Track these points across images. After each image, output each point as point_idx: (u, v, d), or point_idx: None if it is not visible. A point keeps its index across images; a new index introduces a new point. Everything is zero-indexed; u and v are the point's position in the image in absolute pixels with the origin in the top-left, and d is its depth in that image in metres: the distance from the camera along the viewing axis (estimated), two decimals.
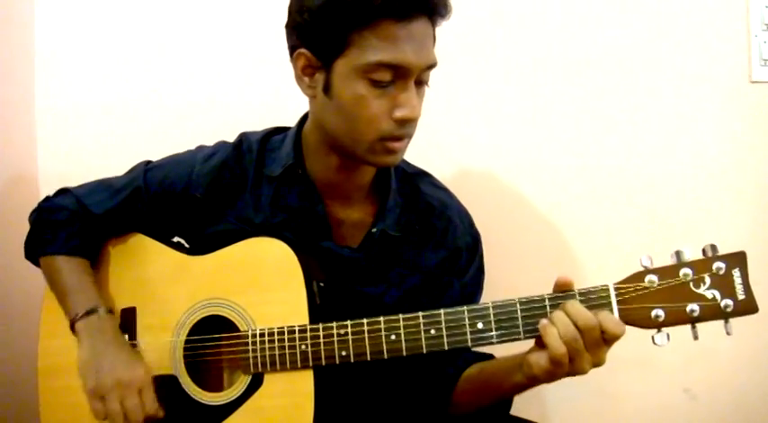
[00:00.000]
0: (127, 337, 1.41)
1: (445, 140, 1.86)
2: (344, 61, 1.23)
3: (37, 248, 1.48)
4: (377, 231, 1.40)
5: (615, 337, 1.12)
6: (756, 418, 1.85)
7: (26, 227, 1.51)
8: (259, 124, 1.52)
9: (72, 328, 1.39)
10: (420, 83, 1.28)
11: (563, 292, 1.16)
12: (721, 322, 1.12)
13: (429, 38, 1.27)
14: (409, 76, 1.24)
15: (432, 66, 1.27)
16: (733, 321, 1.12)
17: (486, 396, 1.37)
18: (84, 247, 1.46)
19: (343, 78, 1.24)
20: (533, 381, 1.20)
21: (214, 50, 1.91)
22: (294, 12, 1.29)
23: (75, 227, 1.46)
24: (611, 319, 1.12)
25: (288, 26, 1.32)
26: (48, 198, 1.52)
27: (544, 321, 1.15)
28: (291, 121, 1.45)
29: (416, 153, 1.50)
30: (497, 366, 1.35)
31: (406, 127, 1.27)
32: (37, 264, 1.50)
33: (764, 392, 1.85)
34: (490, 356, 1.41)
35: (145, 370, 1.34)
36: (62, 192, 1.52)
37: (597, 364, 1.15)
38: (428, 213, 1.45)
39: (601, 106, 1.86)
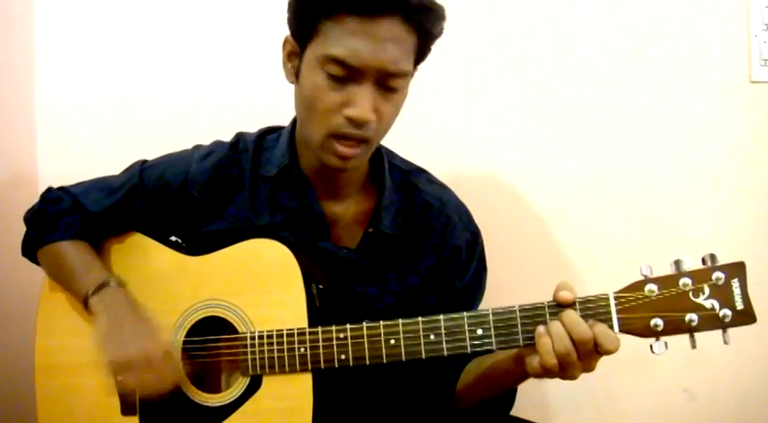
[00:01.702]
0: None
1: (447, 145, 1.86)
2: (311, 49, 1.25)
3: (37, 240, 1.47)
4: (374, 231, 1.39)
5: (608, 353, 1.12)
6: (756, 418, 1.87)
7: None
8: (257, 124, 1.51)
9: (86, 306, 1.37)
10: (386, 88, 1.24)
11: (563, 305, 1.16)
12: (719, 331, 1.12)
13: (396, 42, 1.21)
14: (362, 76, 1.21)
15: (394, 73, 1.22)
16: (731, 329, 1.12)
17: (488, 388, 1.38)
18: (86, 234, 1.46)
19: (308, 66, 1.25)
20: (528, 374, 1.21)
21: (213, 50, 1.91)
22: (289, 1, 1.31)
23: (77, 216, 1.45)
24: (606, 334, 1.12)
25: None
26: (49, 189, 1.52)
27: (540, 329, 1.15)
28: (288, 121, 1.45)
29: (418, 154, 1.50)
30: (496, 358, 1.34)
31: (357, 128, 1.23)
32: (34, 259, 1.50)
33: (764, 393, 1.86)
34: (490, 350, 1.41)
35: (166, 337, 1.32)
36: (58, 190, 1.51)
37: (587, 371, 1.16)
38: (426, 211, 1.44)
39: (600, 107, 1.86)
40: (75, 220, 1.45)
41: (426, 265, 1.43)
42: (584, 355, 1.13)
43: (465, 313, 1.20)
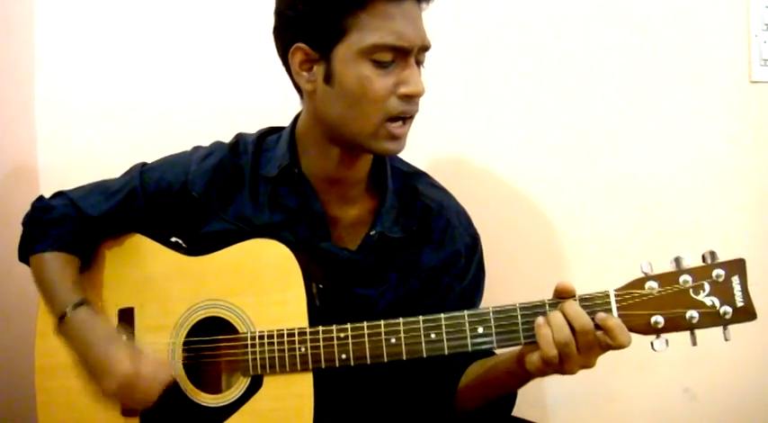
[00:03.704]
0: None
1: (446, 143, 1.87)
2: (345, 46, 1.25)
3: (26, 247, 1.48)
4: (375, 234, 1.39)
5: (621, 346, 1.12)
6: (756, 418, 1.86)
7: None
8: (256, 124, 1.51)
9: (59, 323, 1.37)
10: (418, 63, 1.30)
11: (563, 298, 1.16)
12: (720, 329, 1.12)
13: (420, 19, 1.29)
14: (409, 54, 1.26)
15: (428, 47, 1.30)
16: (732, 325, 1.12)
17: (490, 390, 1.38)
18: (74, 245, 1.45)
19: (345, 64, 1.25)
20: (529, 374, 1.22)
21: (212, 51, 1.91)
22: (285, 8, 1.30)
23: (67, 227, 1.45)
24: (622, 327, 1.12)
25: (278, 27, 1.33)
26: (41, 198, 1.52)
27: (540, 320, 1.15)
28: (288, 121, 1.45)
29: (417, 154, 1.50)
30: (497, 360, 1.35)
31: (410, 104, 1.28)
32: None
33: (764, 392, 1.86)
34: (491, 352, 1.41)
35: (144, 353, 1.32)
36: (57, 195, 1.51)
37: (586, 366, 1.16)
38: (426, 214, 1.44)
39: (600, 107, 1.85)
40: (65, 232, 1.45)
41: (426, 269, 1.43)
42: (584, 347, 1.13)
43: (466, 311, 1.20)
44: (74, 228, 1.45)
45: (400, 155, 1.48)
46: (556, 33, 1.85)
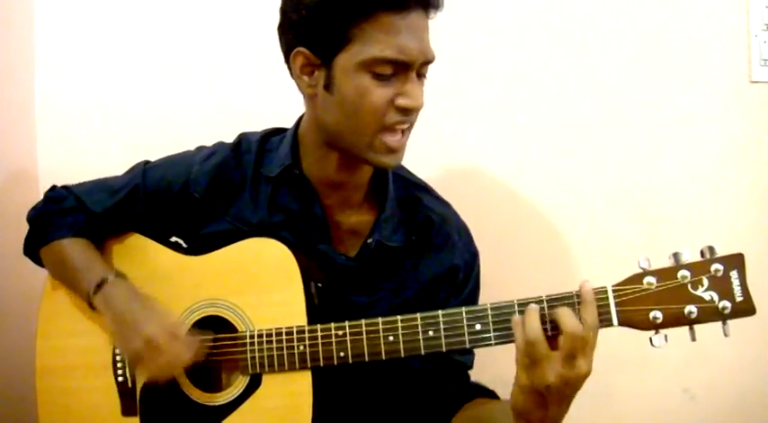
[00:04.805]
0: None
1: (444, 142, 1.86)
2: (346, 56, 1.23)
3: (40, 238, 1.48)
4: (373, 242, 1.39)
5: (574, 335, 1.09)
6: (756, 418, 1.86)
7: (25, 225, 1.50)
8: (258, 125, 1.51)
9: (90, 306, 1.39)
10: (419, 75, 1.28)
11: (561, 294, 1.15)
12: (719, 323, 1.11)
13: (426, 31, 1.27)
14: (411, 68, 1.24)
15: (431, 61, 1.28)
16: (732, 322, 1.11)
17: None
18: (88, 232, 1.46)
19: (345, 73, 1.24)
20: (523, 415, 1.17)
21: (213, 51, 1.91)
22: (289, 10, 1.28)
23: (80, 216, 1.46)
24: (567, 314, 1.10)
25: (282, 26, 1.31)
26: (54, 187, 1.52)
27: (516, 319, 1.14)
28: (291, 122, 1.45)
29: (416, 154, 1.50)
30: (494, 409, 1.34)
31: (408, 116, 1.27)
32: (36, 258, 1.50)
33: (764, 392, 1.86)
34: (492, 393, 1.40)
35: (169, 320, 1.33)
36: (61, 189, 1.51)
37: (569, 376, 1.10)
38: (427, 226, 1.44)
39: (600, 106, 1.86)
40: (79, 219, 1.46)
41: (422, 281, 1.42)
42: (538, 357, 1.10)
43: (463, 308, 1.20)
44: (85, 218, 1.46)
45: (403, 162, 1.48)
46: (556, 35, 1.86)
